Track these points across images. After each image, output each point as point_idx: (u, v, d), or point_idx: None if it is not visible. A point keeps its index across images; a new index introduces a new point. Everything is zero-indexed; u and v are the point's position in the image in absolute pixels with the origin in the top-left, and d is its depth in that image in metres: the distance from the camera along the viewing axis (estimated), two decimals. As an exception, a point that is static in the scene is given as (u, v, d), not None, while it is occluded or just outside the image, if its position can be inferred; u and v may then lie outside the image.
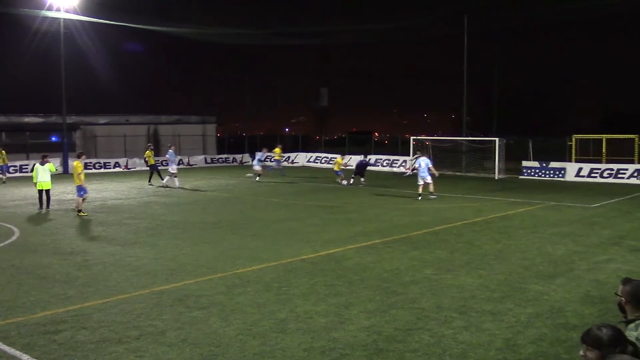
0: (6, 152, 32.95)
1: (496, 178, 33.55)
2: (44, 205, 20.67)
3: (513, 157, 36.35)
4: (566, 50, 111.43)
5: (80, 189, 19.51)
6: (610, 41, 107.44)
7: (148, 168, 30.99)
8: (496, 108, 53.98)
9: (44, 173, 20.61)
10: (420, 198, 23.11)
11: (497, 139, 34.71)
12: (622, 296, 3.81)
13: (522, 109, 68.93)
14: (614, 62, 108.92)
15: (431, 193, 23.53)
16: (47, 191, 20.83)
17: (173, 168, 28.88)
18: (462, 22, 41.00)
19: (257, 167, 32.77)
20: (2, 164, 32.05)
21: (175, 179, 28.62)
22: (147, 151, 30.91)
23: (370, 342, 7.59)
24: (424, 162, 23.49)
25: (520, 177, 34.01)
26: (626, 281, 3.86)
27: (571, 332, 7.93)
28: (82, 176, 19.53)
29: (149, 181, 29.90)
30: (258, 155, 34.52)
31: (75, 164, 19.74)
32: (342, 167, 30.56)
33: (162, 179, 29.42)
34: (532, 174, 33.96)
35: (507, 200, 23.08)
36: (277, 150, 36.33)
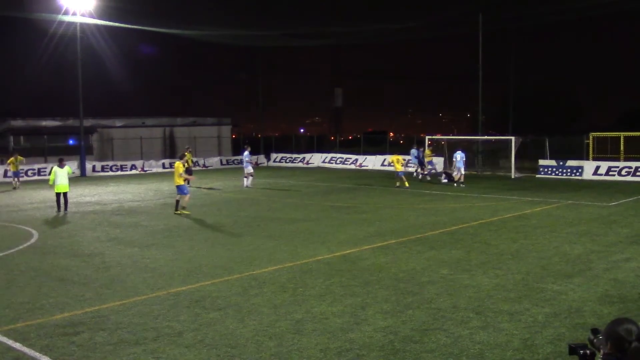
0: (21, 157, 32.30)
1: (512, 177, 33.33)
2: (62, 208, 20.88)
3: (529, 156, 36.11)
4: (583, 47, 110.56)
5: (183, 188, 20.09)
6: (628, 38, 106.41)
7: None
8: (512, 106, 53.60)
9: (61, 176, 20.87)
10: (463, 185, 27.74)
11: (513, 138, 34.47)
12: None
13: (538, 107, 68.43)
14: (631, 59, 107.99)
15: (462, 182, 28.07)
16: (65, 194, 21.05)
17: (249, 168, 29.54)
18: (477, 21, 40.81)
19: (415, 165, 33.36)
20: (14, 170, 31.28)
21: (246, 179, 29.42)
22: (187, 153, 31.22)
23: (386, 342, 7.58)
24: (459, 155, 28.13)
25: (537, 175, 33.76)
26: None
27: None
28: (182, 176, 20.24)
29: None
30: (414, 152, 33.75)
31: (177, 164, 20.40)
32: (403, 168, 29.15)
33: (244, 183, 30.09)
34: (549, 172, 33.70)
35: (523, 200, 22.93)
36: (428, 152, 34.77)
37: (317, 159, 46.57)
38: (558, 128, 56.74)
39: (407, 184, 27.48)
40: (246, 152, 29.96)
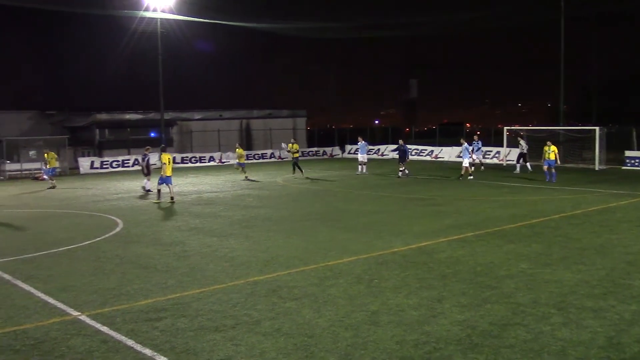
0: (55, 155, 30.22)
1: (596, 169, 32.08)
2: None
3: (615, 147, 34.59)
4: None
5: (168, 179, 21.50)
6: None
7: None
8: (596, 95, 51.44)
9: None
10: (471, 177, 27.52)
11: (597, 128, 33.15)
12: None
13: (623, 96, 65.38)
14: None
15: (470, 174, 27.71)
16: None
17: (364, 157, 32.68)
18: (557, 7, 39.31)
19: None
20: (48, 167, 29.10)
21: (361, 167, 32.44)
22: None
23: (464, 336, 7.46)
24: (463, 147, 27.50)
25: (623, 167, 32.36)
26: None
27: (681, 332, 7.47)
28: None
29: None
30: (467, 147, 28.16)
31: (165, 155, 21.88)
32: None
33: (359, 171, 32.54)
34: (636, 164, 32.24)
35: (608, 192, 22.01)
36: (547, 148, 27.80)
37: (391, 151, 46.26)
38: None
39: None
40: (361, 143, 32.86)
